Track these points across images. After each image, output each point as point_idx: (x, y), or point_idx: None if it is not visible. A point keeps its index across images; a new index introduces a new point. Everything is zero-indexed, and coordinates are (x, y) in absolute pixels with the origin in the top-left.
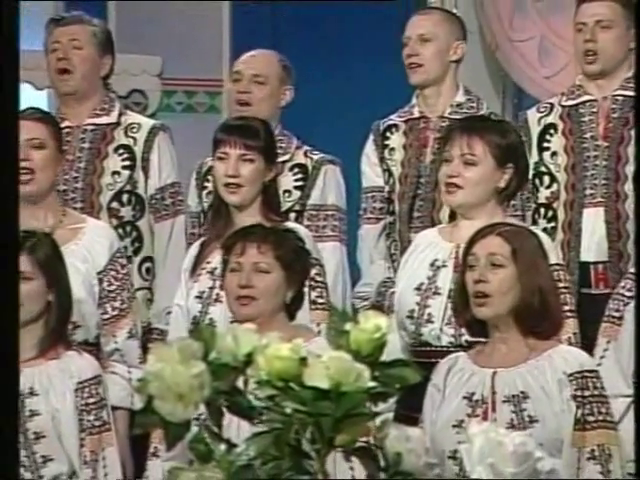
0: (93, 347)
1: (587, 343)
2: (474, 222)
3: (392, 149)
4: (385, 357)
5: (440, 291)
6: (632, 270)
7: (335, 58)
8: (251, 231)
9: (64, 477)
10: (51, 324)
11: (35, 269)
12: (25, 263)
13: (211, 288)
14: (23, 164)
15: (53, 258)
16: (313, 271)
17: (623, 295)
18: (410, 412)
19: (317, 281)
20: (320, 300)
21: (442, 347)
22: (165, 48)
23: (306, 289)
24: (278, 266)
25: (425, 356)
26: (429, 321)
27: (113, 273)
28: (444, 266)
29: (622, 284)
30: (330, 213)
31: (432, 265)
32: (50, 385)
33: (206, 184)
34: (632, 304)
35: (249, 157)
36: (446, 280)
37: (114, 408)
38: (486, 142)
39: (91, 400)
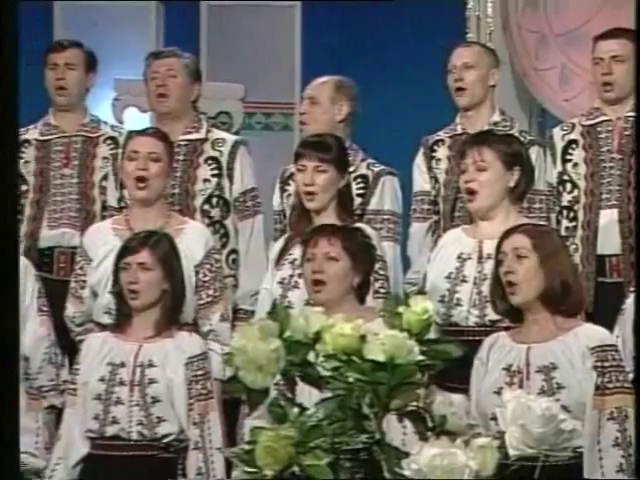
0: (191, 328)
1: (603, 322)
2: (492, 221)
3: (438, 160)
4: None
5: (467, 279)
6: None
7: (391, 82)
8: (323, 227)
9: (174, 436)
10: (166, 309)
11: (155, 262)
12: (147, 257)
13: (291, 276)
14: (142, 173)
15: (170, 254)
16: (377, 265)
17: None
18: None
19: (380, 274)
20: (382, 290)
21: (469, 326)
22: (247, 77)
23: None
24: (345, 255)
25: (454, 334)
26: (458, 304)
27: (208, 266)
28: (469, 258)
29: None
30: (386, 217)
31: (459, 258)
32: (166, 359)
33: (287, 187)
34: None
35: (322, 168)
36: (471, 270)
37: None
38: (494, 150)
39: (199, 372)
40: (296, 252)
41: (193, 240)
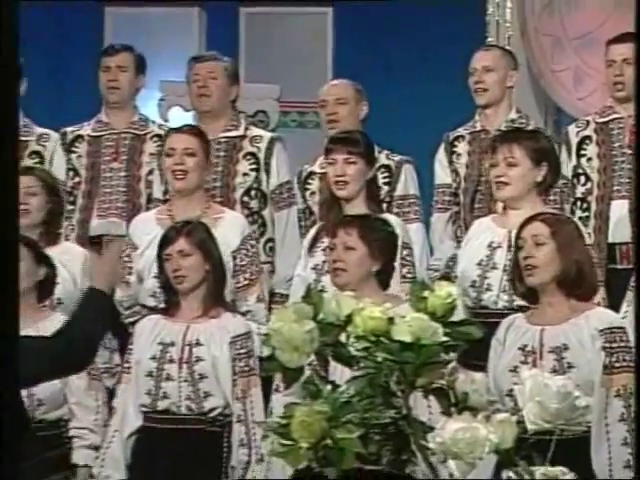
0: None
1: (613, 306)
2: (520, 211)
3: (459, 154)
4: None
5: (497, 266)
6: None
7: (415, 82)
8: (342, 219)
9: (219, 410)
10: (210, 289)
11: (192, 248)
12: (184, 244)
13: (324, 262)
14: (179, 167)
15: (206, 239)
16: (404, 252)
17: None
18: (474, 360)
19: (407, 260)
20: (409, 275)
21: (498, 310)
22: (282, 78)
23: (398, 266)
24: (362, 244)
25: (484, 317)
26: (488, 289)
27: (244, 252)
28: (499, 247)
29: None
30: (412, 201)
31: (489, 246)
32: (211, 338)
33: (307, 186)
34: None
35: (352, 160)
36: (501, 257)
37: None
38: (523, 147)
39: (242, 351)
40: (327, 240)
41: (230, 228)
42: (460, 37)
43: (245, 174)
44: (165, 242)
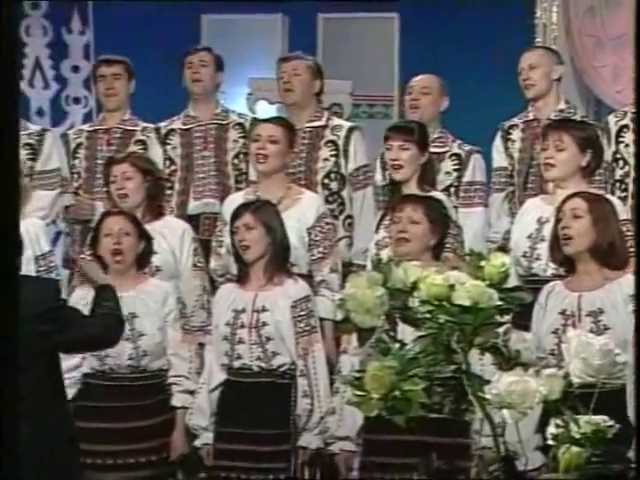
0: (305, 278)
1: None
2: (566, 190)
3: (513, 141)
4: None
5: (545, 238)
6: None
7: (473, 78)
8: (408, 196)
9: (286, 366)
10: (272, 260)
11: (256, 222)
12: (249, 218)
13: (383, 237)
14: (262, 152)
15: (271, 215)
16: (454, 231)
17: None
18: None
19: (454, 236)
20: (457, 251)
21: (547, 277)
22: (355, 74)
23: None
24: (425, 220)
25: (535, 284)
26: (537, 259)
27: (319, 228)
28: (547, 221)
29: None
30: (478, 187)
31: (538, 221)
32: (275, 304)
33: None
34: None
35: (406, 147)
36: (549, 231)
37: (323, 319)
38: (570, 134)
39: (302, 313)
40: (390, 217)
41: (307, 207)
42: (511, 39)
43: (326, 159)
44: (235, 217)
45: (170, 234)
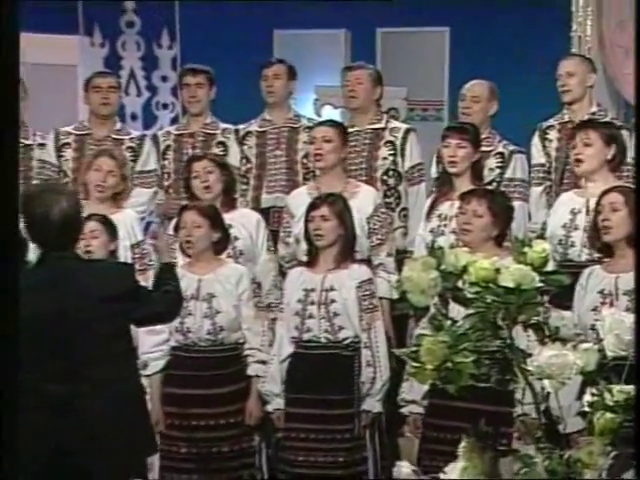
0: (365, 262)
1: None
2: (595, 183)
3: (550, 140)
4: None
5: (578, 227)
6: None
7: (516, 84)
8: (475, 190)
9: (351, 339)
10: (342, 247)
11: (331, 214)
12: (326, 211)
13: (438, 226)
14: (317, 151)
15: (343, 209)
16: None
17: None
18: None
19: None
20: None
21: (581, 262)
22: (410, 82)
23: None
24: (488, 213)
25: (570, 268)
26: (572, 246)
27: (376, 218)
28: (580, 212)
29: None
30: (518, 183)
31: (572, 212)
32: (343, 284)
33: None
34: None
35: (462, 145)
36: (581, 220)
37: (380, 298)
38: (596, 131)
39: (366, 293)
40: (441, 208)
41: (365, 199)
42: (549, 49)
43: (384, 158)
44: (311, 208)
45: (247, 223)
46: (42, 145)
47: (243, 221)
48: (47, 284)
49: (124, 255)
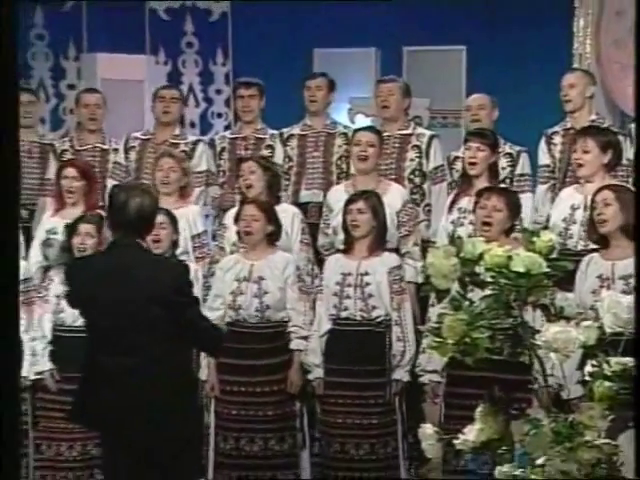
0: (394, 251)
1: None
2: (593, 183)
3: (555, 144)
4: None
5: (576, 221)
6: None
7: (525, 95)
8: (492, 188)
9: (382, 317)
10: (375, 238)
11: (366, 208)
12: (362, 204)
13: (458, 218)
14: (363, 153)
15: (377, 204)
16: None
17: None
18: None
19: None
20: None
21: (577, 251)
22: (432, 93)
23: None
24: (506, 208)
25: (568, 256)
26: (570, 237)
27: (404, 212)
28: (578, 208)
29: None
30: (526, 178)
31: (571, 207)
32: (375, 270)
33: (453, 166)
34: None
35: (481, 148)
36: (580, 215)
37: (408, 282)
38: (594, 139)
39: (396, 277)
40: (461, 203)
41: (394, 196)
42: (553, 64)
43: (411, 160)
44: (349, 202)
45: (285, 217)
46: (116, 150)
47: (282, 215)
48: (110, 269)
49: (184, 245)
